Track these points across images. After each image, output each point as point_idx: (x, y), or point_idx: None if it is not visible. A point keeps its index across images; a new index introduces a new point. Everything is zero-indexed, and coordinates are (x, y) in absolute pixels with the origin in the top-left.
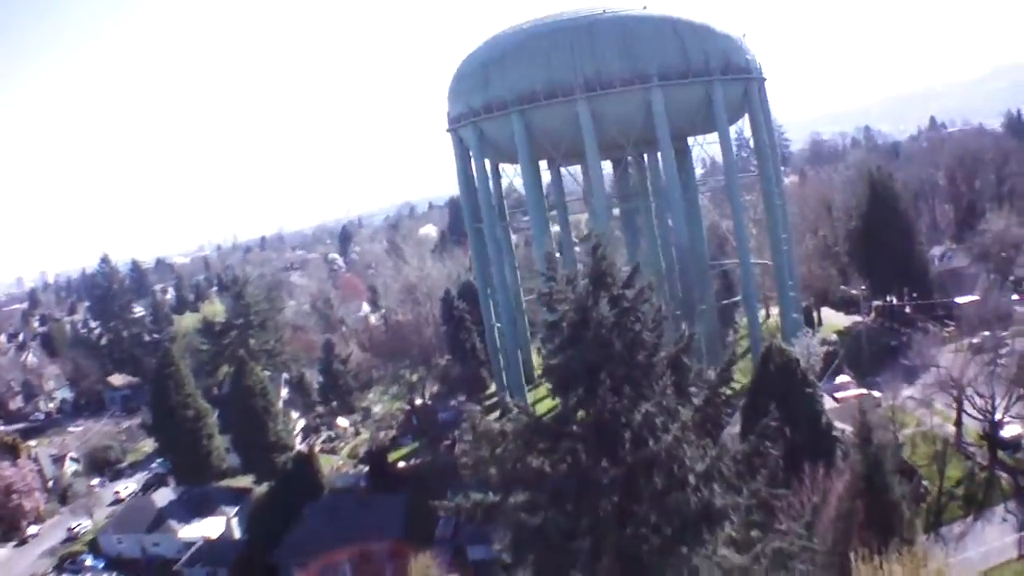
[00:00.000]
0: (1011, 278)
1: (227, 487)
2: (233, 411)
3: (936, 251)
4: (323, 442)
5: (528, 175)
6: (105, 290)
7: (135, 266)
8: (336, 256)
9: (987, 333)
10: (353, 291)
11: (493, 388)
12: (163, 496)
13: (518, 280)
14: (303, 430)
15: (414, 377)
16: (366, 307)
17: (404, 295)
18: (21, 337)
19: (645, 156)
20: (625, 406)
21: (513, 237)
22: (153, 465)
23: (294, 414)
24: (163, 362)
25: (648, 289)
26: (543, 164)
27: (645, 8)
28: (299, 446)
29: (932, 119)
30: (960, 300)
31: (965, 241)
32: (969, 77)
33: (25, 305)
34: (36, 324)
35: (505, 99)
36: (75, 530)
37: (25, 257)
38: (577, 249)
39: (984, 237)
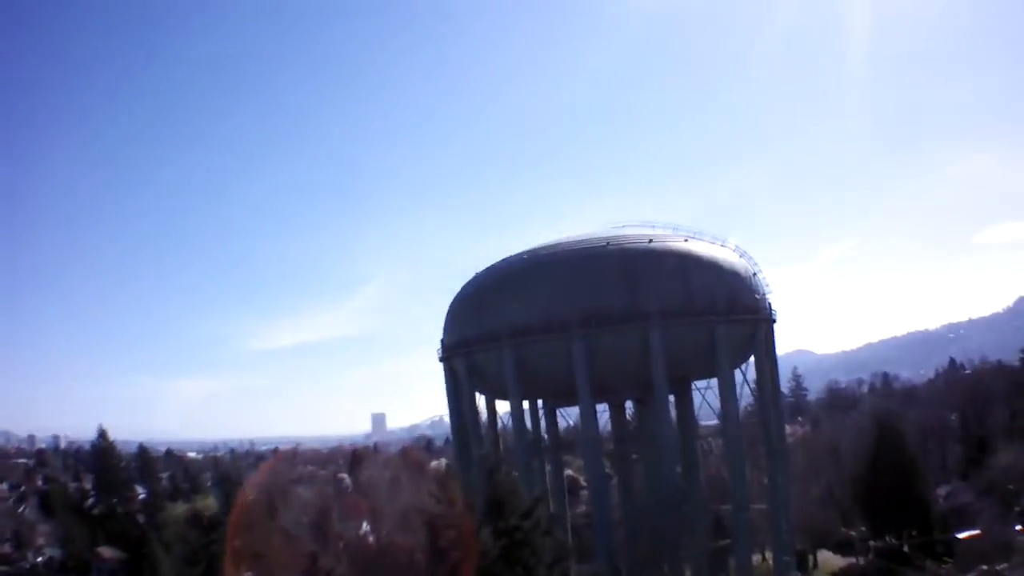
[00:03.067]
0: (1017, 509)
1: None
2: None
3: (943, 490)
4: None
5: (517, 411)
6: (104, 465)
7: (142, 450)
8: (345, 476)
9: (984, 567)
10: (355, 511)
11: None
12: None
13: None
14: None
15: None
16: (366, 527)
17: (400, 521)
18: (23, 489)
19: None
20: None
21: None
22: None
23: None
24: (140, 539)
25: (551, 522)
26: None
27: (651, 241)
28: None
29: (951, 360)
30: (962, 535)
31: (971, 477)
32: (992, 312)
33: (32, 462)
34: (39, 482)
35: (498, 331)
36: None
37: (42, 415)
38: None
39: (991, 471)
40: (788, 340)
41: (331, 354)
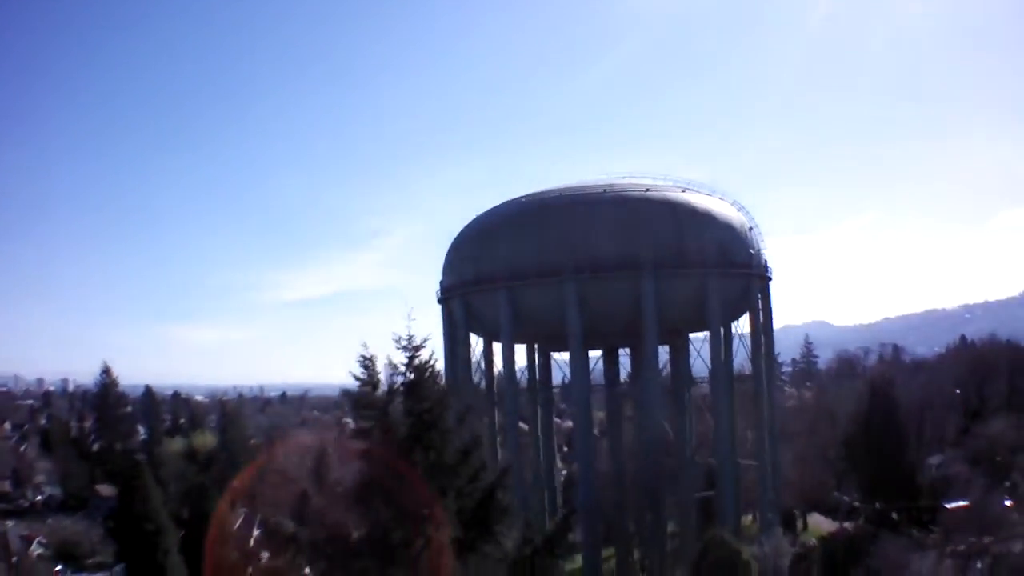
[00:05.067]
0: (1007, 483)
1: None
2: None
3: (935, 459)
4: None
5: (508, 354)
6: (106, 403)
7: (148, 393)
8: (349, 420)
9: (972, 539)
10: (353, 456)
11: None
12: None
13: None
14: None
15: None
16: None
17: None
18: (26, 428)
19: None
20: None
21: None
22: (116, 569)
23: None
24: (133, 472)
25: (467, 412)
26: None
27: (648, 190)
28: None
29: (963, 337)
30: (950, 506)
31: (962, 446)
32: (1007, 295)
33: (37, 403)
34: (43, 422)
35: (494, 273)
36: None
37: (53, 360)
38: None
39: (980, 440)
40: (806, 310)
41: (349, 304)
